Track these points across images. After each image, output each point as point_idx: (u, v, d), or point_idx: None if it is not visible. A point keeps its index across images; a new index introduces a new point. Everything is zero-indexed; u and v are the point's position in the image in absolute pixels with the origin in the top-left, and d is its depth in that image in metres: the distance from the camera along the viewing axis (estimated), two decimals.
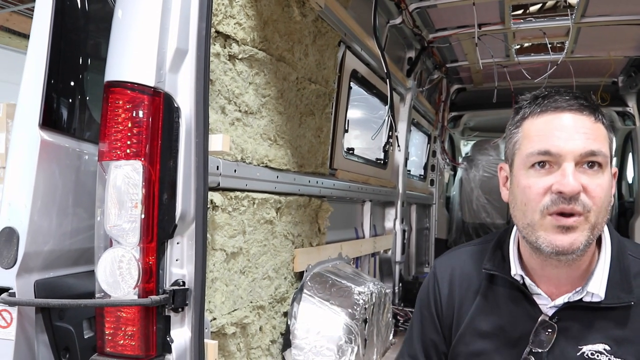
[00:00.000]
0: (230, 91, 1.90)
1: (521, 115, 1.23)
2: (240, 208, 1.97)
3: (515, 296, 1.28)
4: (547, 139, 1.14)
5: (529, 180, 1.15)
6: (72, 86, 1.72)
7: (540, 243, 1.14)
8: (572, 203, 1.09)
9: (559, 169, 1.12)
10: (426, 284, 1.48)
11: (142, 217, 1.35)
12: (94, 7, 1.83)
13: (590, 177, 1.12)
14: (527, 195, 1.15)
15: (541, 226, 1.13)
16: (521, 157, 1.18)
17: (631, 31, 3.79)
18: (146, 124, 1.36)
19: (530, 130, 1.18)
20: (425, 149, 5.70)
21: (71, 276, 1.57)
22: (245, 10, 1.93)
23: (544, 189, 1.12)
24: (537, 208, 1.13)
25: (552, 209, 1.11)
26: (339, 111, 3.08)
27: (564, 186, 1.09)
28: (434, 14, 3.84)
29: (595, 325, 1.19)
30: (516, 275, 1.27)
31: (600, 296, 1.18)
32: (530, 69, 4.40)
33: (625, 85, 4.94)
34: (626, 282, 1.20)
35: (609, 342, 1.18)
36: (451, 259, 1.46)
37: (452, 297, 1.39)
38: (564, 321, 1.21)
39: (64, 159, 1.57)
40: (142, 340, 1.37)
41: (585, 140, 1.12)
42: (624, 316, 1.18)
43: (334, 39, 2.78)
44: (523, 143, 1.19)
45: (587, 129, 1.14)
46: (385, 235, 4.13)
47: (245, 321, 2.02)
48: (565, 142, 1.12)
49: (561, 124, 1.14)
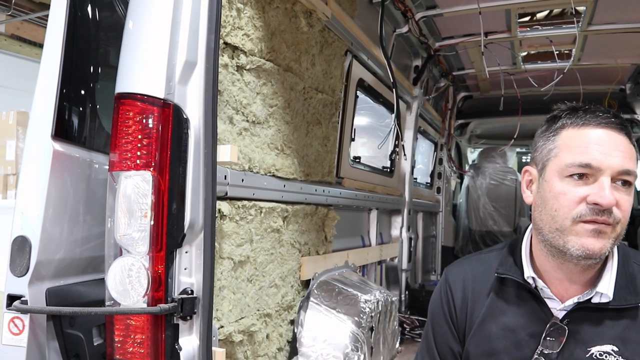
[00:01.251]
0: (238, 101, 1.92)
1: (560, 124, 1.26)
2: (248, 217, 1.99)
3: (526, 298, 1.32)
4: (588, 151, 1.18)
5: (564, 188, 1.20)
6: (84, 96, 1.75)
7: (570, 247, 1.18)
8: (605, 215, 1.15)
9: (595, 181, 1.17)
10: (438, 291, 1.50)
11: (151, 226, 1.38)
12: (104, 16, 1.86)
13: (621, 192, 1.18)
14: (561, 201, 1.20)
15: (572, 231, 1.18)
16: (558, 165, 1.22)
17: (638, 39, 3.79)
18: (156, 135, 1.39)
19: (570, 141, 1.22)
20: (432, 157, 5.71)
21: (81, 284, 1.59)
22: (253, 21, 1.96)
23: (580, 198, 1.17)
24: (569, 215, 1.18)
25: (586, 217, 1.16)
26: (346, 120, 3.10)
27: (603, 199, 1.14)
28: (440, 22, 3.86)
29: (604, 327, 1.23)
30: (528, 277, 1.30)
31: (609, 296, 1.23)
32: (537, 76, 4.40)
33: (633, 92, 4.93)
34: (632, 285, 1.25)
35: (617, 343, 1.21)
36: (462, 266, 1.49)
37: (465, 302, 1.42)
38: (574, 323, 1.25)
39: (75, 169, 1.59)
40: (151, 347, 1.39)
41: (623, 159, 1.17)
42: (631, 317, 1.23)
43: (341, 48, 2.81)
44: (562, 151, 1.23)
45: (625, 148, 1.19)
46: (392, 243, 4.14)
47: (253, 329, 2.04)
48: (606, 157, 1.17)
49: (602, 139, 1.19)
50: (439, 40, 4.16)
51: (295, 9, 2.25)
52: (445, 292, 1.46)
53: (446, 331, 1.44)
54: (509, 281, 1.35)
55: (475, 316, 1.38)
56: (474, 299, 1.40)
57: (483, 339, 1.35)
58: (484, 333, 1.35)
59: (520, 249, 1.36)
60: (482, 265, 1.43)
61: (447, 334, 1.44)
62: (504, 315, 1.34)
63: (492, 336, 1.34)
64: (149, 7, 1.44)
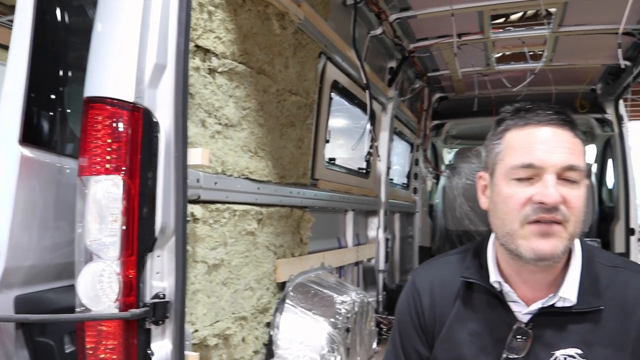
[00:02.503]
0: (210, 104, 1.92)
1: (504, 126, 1.26)
2: (222, 220, 1.98)
3: (492, 303, 1.32)
4: (531, 151, 1.18)
5: (510, 190, 1.19)
6: (53, 100, 1.73)
7: (522, 250, 1.18)
8: (553, 213, 1.14)
9: (540, 180, 1.16)
10: (405, 295, 1.49)
11: (122, 231, 1.37)
12: (74, 20, 1.84)
13: (569, 189, 1.16)
14: (508, 204, 1.19)
15: (521, 235, 1.18)
16: (504, 168, 1.22)
17: (608, 40, 3.87)
18: (125, 139, 1.38)
19: (513, 142, 1.22)
20: (408, 158, 5.75)
21: (52, 291, 1.57)
22: (224, 24, 1.96)
23: (525, 199, 1.17)
24: (517, 218, 1.18)
25: (532, 217, 1.16)
26: (320, 122, 3.11)
27: (546, 197, 1.14)
28: (414, 24, 3.89)
29: (568, 330, 1.24)
30: (494, 282, 1.30)
31: (572, 301, 1.23)
32: (511, 77, 4.47)
33: (604, 92, 5.04)
34: (595, 288, 1.24)
35: (580, 346, 1.22)
36: (430, 269, 1.49)
37: (433, 306, 1.41)
38: (539, 327, 1.26)
39: (44, 174, 1.57)
40: (123, 353, 1.38)
41: (567, 155, 1.17)
42: (594, 320, 1.23)
43: (315, 50, 2.81)
44: (506, 154, 1.22)
45: (568, 144, 1.18)
46: (369, 244, 4.15)
47: (228, 332, 2.03)
48: (548, 155, 1.16)
49: (544, 137, 1.19)
50: (414, 42, 4.19)
51: (267, 11, 2.25)
52: (412, 296, 1.45)
53: (413, 335, 1.44)
54: (475, 285, 1.35)
55: (443, 321, 1.38)
56: (441, 303, 1.40)
57: (451, 345, 1.35)
58: (452, 339, 1.35)
59: (487, 252, 1.36)
60: (449, 268, 1.43)
61: (415, 337, 1.44)
62: (471, 321, 1.34)
63: (459, 342, 1.34)
64: (118, 9, 1.43)
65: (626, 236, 4.84)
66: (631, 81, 4.40)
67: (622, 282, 1.26)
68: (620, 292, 1.25)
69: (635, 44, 3.92)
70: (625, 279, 1.27)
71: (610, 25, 3.64)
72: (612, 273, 1.28)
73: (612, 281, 1.26)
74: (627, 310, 1.22)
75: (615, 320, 1.22)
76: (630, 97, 5.14)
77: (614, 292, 1.25)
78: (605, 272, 1.28)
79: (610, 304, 1.23)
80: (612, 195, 5.44)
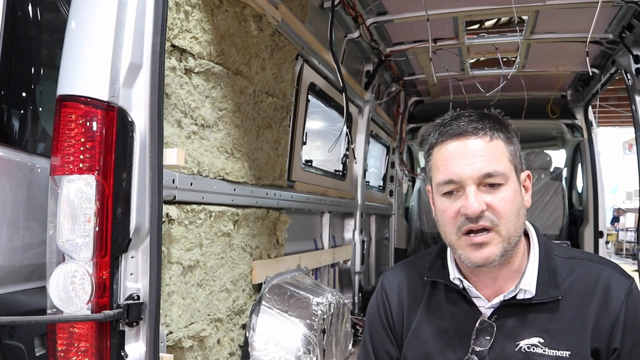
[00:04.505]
0: (186, 105, 1.91)
1: (429, 144, 1.33)
2: (197, 221, 1.97)
3: (456, 299, 1.37)
4: (448, 167, 1.24)
5: (443, 205, 1.27)
6: (24, 98, 1.69)
7: (463, 259, 1.26)
8: (479, 221, 1.21)
9: (464, 193, 1.22)
10: (375, 298, 1.53)
11: (95, 232, 1.35)
12: (47, 17, 1.81)
13: (492, 194, 1.22)
14: (444, 218, 1.27)
15: (459, 246, 1.26)
16: (435, 184, 1.29)
17: (577, 48, 3.97)
18: (99, 138, 1.36)
19: (436, 160, 1.29)
20: (384, 160, 5.79)
21: (22, 292, 1.54)
22: (201, 24, 1.95)
23: (455, 212, 1.24)
24: (453, 230, 1.25)
25: (463, 229, 1.23)
26: (297, 124, 3.12)
27: (467, 209, 1.20)
28: (390, 28, 3.93)
29: (529, 321, 1.29)
30: (455, 279, 1.35)
31: (531, 292, 1.28)
32: (485, 82, 4.54)
33: (574, 98, 5.16)
34: (554, 279, 1.30)
35: (542, 335, 1.27)
36: (397, 272, 1.53)
37: (401, 307, 1.45)
38: (501, 319, 1.30)
39: (14, 173, 1.54)
40: (95, 356, 1.36)
41: (482, 164, 1.22)
42: (553, 310, 1.28)
43: (292, 52, 2.82)
44: (433, 171, 1.29)
45: (483, 151, 1.23)
46: (345, 246, 4.17)
47: (203, 334, 2.02)
48: (463, 168, 1.22)
49: (458, 151, 1.24)
50: (390, 46, 4.24)
51: (244, 12, 2.25)
52: (381, 298, 1.49)
53: (384, 337, 1.47)
54: (440, 284, 1.40)
55: (411, 321, 1.42)
56: (409, 304, 1.44)
57: (419, 343, 1.39)
58: (419, 337, 1.39)
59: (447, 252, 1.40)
60: (416, 270, 1.47)
61: (385, 339, 1.47)
62: (437, 318, 1.38)
63: (427, 339, 1.37)
64: (92, 7, 1.41)
65: (595, 239, 4.96)
66: (599, 88, 4.51)
67: (580, 272, 1.31)
68: (578, 281, 1.30)
69: (603, 52, 4.03)
70: (582, 268, 1.32)
71: (580, 33, 3.73)
72: (569, 264, 1.33)
73: (570, 272, 1.32)
74: (585, 297, 1.28)
75: (574, 308, 1.27)
76: (598, 104, 5.26)
77: (572, 282, 1.30)
78: (563, 264, 1.33)
79: (568, 293, 1.28)
80: (582, 198, 5.57)
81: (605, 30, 3.67)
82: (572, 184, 5.91)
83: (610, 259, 5.30)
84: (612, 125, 9.64)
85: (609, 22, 3.53)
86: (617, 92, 6.64)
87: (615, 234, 15.21)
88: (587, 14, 3.28)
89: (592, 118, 5.15)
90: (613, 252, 14.57)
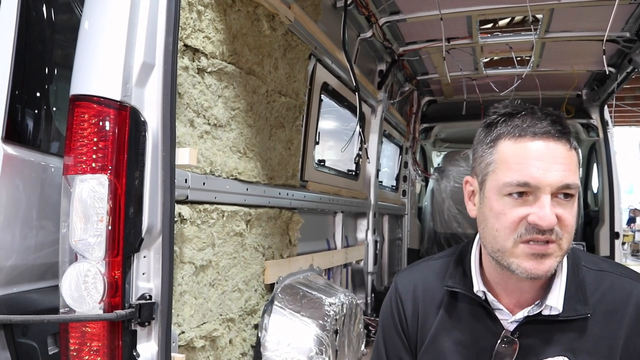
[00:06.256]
0: (199, 104, 1.90)
1: (496, 133, 1.19)
2: (210, 221, 1.97)
3: (477, 312, 1.29)
4: (525, 168, 1.12)
5: (504, 208, 1.14)
6: (38, 98, 1.70)
7: (514, 269, 1.14)
8: (547, 234, 1.11)
9: (535, 199, 1.12)
10: (388, 300, 1.46)
11: (107, 231, 1.35)
12: (61, 18, 1.82)
13: (564, 207, 1.13)
14: (501, 222, 1.15)
15: (513, 254, 1.14)
16: (496, 182, 1.16)
17: (592, 46, 3.92)
18: (112, 138, 1.36)
19: (507, 156, 1.16)
20: (397, 160, 5.77)
21: (35, 291, 1.55)
22: (214, 24, 1.95)
23: (519, 218, 1.12)
24: (510, 237, 1.14)
25: (526, 237, 1.12)
26: (310, 123, 3.11)
27: (542, 220, 1.09)
28: (403, 27, 3.91)
29: (554, 339, 1.21)
30: (479, 291, 1.27)
31: (558, 309, 1.20)
32: (498, 82, 4.50)
33: (589, 98, 5.10)
34: (582, 294, 1.22)
35: (567, 354, 1.19)
36: (413, 274, 1.45)
37: (416, 312, 1.38)
38: (525, 336, 1.23)
39: (28, 172, 1.55)
40: (107, 355, 1.36)
41: (562, 172, 1.12)
42: (581, 328, 1.20)
43: (304, 52, 2.81)
44: (499, 168, 1.16)
45: (564, 159, 1.13)
46: (358, 246, 4.16)
47: (215, 334, 2.01)
48: (544, 173, 1.11)
49: (540, 153, 1.13)
50: (403, 45, 4.21)
51: (257, 12, 2.25)
52: (395, 302, 1.42)
53: (397, 342, 1.41)
54: (460, 294, 1.31)
55: (427, 328, 1.35)
56: (425, 310, 1.36)
57: (436, 354, 1.32)
58: (437, 348, 1.32)
59: (470, 260, 1.32)
60: (433, 273, 1.39)
61: (398, 345, 1.41)
62: (456, 330, 1.30)
63: (445, 352, 1.31)
64: (105, 7, 1.41)
65: (611, 240, 4.89)
66: (615, 87, 4.45)
67: (609, 286, 1.24)
68: (607, 297, 1.22)
69: (620, 51, 3.98)
70: (611, 283, 1.24)
71: (595, 32, 3.68)
72: (598, 277, 1.25)
73: (599, 286, 1.24)
74: (614, 315, 1.20)
75: (602, 327, 1.20)
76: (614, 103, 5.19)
77: (601, 297, 1.22)
78: (591, 277, 1.25)
79: (596, 309, 1.21)
80: (597, 199, 5.50)
81: (622, 29, 3.61)
82: (587, 184, 5.84)
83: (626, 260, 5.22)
84: (629, 124, 9.50)
85: (626, 20, 3.48)
86: (634, 91, 6.55)
87: (632, 235, 15.02)
88: (603, 12, 3.23)
89: (607, 117, 5.08)
90: (629, 254, 14.39)
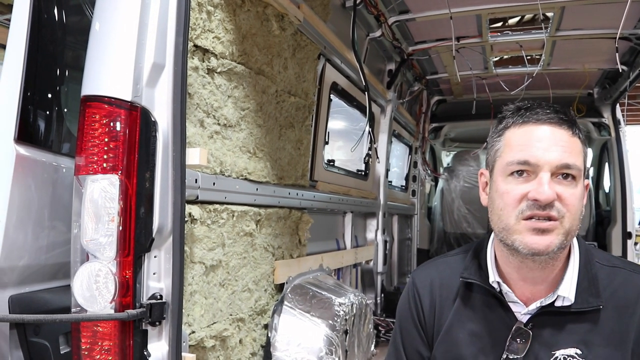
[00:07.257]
0: (209, 104, 1.91)
1: (504, 124, 1.29)
2: (220, 221, 1.97)
3: (491, 303, 1.33)
4: (527, 149, 1.20)
5: (507, 187, 1.22)
6: (49, 99, 1.71)
7: (517, 245, 1.20)
8: (547, 209, 1.16)
9: (536, 177, 1.18)
10: (406, 295, 1.49)
11: (118, 231, 1.35)
12: (72, 19, 1.83)
13: (564, 187, 1.18)
14: (505, 200, 1.22)
15: (516, 230, 1.20)
16: (501, 164, 1.25)
17: (604, 44, 3.88)
18: (123, 138, 1.37)
19: (511, 140, 1.25)
20: (406, 160, 5.75)
21: (47, 291, 1.55)
22: (223, 24, 1.95)
23: (521, 196, 1.19)
24: (512, 213, 1.20)
25: (527, 213, 1.18)
26: (319, 123, 3.11)
27: (540, 194, 1.16)
28: (413, 27, 3.90)
29: (567, 330, 1.24)
30: (493, 282, 1.31)
31: (570, 299, 1.24)
32: (508, 81, 4.47)
33: (601, 96, 5.05)
34: (594, 287, 1.25)
35: (580, 346, 1.22)
36: (429, 270, 1.49)
37: (433, 306, 1.42)
38: (538, 327, 1.26)
39: (40, 173, 1.56)
40: (118, 354, 1.37)
41: (562, 153, 1.18)
42: (593, 320, 1.23)
43: (314, 52, 2.81)
44: (504, 151, 1.25)
45: (564, 142, 1.20)
46: (367, 246, 4.15)
47: (225, 334, 2.02)
48: (543, 153, 1.18)
49: (540, 136, 1.21)
50: (412, 45, 4.20)
51: (266, 12, 2.25)
52: (413, 297, 1.46)
53: (415, 336, 1.44)
54: (475, 286, 1.36)
55: (442, 321, 1.38)
56: (441, 304, 1.40)
57: (450, 346, 1.35)
58: (451, 339, 1.35)
59: (486, 253, 1.36)
60: (449, 268, 1.44)
61: (416, 338, 1.43)
62: (470, 321, 1.34)
63: (459, 342, 1.34)
64: (116, 8, 1.42)
65: (623, 239, 4.85)
66: (628, 85, 4.41)
67: (621, 281, 1.27)
68: (619, 291, 1.25)
69: (632, 49, 3.93)
70: (623, 278, 1.27)
71: (608, 29, 3.65)
72: (610, 273, 1.28)
73: (611, 281, 1.27)
74: (626, 309, 1.23)
75: (615, 320, 1.22)
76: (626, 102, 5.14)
77: (613, 292, 1.25)
78: (604, 272, 1.28)
79: (609, 303, 1.24)
80: (609, 198, 5.45)
81: (635, 26, 3.58)
82: (599, 184, 5.79)
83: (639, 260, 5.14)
84: None
85: (639, 17, 3.45)
86: None
87: None
88: (614, 10, 3.20)
89: (619, 116, 5.04)
90: None
